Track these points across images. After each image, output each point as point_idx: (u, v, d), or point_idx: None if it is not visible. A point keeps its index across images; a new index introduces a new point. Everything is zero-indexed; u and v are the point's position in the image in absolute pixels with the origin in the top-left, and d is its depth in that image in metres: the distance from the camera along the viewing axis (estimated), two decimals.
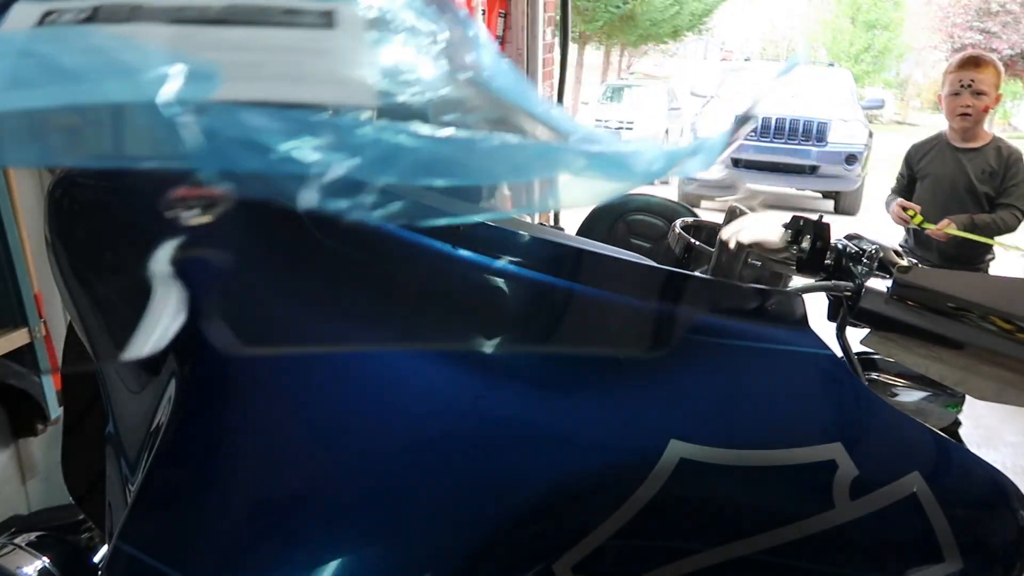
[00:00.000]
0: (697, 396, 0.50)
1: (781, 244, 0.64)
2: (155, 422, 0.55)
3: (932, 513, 0.50)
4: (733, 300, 0.54)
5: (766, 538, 0.48)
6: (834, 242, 0.64)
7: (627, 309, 0.53)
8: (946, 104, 2.65)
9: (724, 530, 0.48)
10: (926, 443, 0.53)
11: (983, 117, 2.60)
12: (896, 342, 0.58)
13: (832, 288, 0.62)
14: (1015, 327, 0.55)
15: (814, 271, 0.64)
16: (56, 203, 0.76)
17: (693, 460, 0.47)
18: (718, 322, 0.53)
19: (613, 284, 0.53)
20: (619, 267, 0.55)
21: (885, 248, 0.62)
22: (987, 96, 2.55)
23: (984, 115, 2.60)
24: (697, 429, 0.48)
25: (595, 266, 0.54)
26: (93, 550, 0.81)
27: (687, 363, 0.52)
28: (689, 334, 0.52)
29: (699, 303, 0.53)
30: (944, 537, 0.51)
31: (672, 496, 0.46)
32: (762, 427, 0.50)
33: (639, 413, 0.49)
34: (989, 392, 0.59)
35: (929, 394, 0.76)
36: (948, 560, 0.51)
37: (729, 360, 0.52)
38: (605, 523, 0.45)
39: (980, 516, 0.54)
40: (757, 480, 0.48)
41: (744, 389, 0.51)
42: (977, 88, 2.54)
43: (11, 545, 0.76)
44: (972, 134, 2.61)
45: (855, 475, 0.48)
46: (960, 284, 0.56)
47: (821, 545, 0.48)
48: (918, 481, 0.50)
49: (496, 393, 0.49)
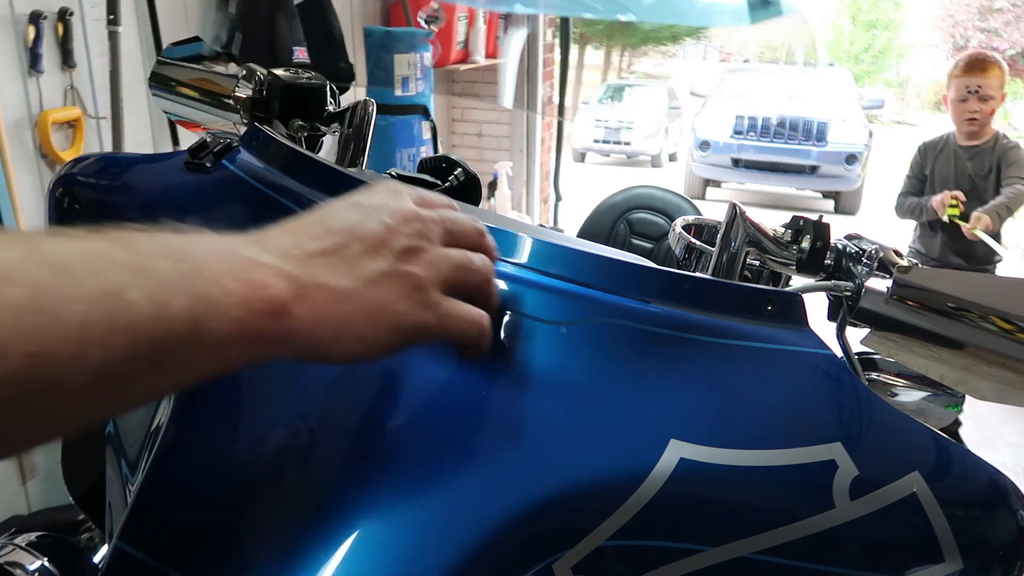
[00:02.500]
0: (697, 396, 0.50)
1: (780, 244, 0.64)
2: (155, 422, 0.55)
3: (932, 513, 0.50)
4: (733, 300, 0.54)
5: (766, 538, 0.48)
6: (834, 242, 0.64)
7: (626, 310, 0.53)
8: (952, 109, 2.66)
9: (724, 530, 0.48)
10: (926, 443, 0.53)
11: (990, 119, 2.61)
12: (896, 342, 0.58)
13: (832, 288, 0.62)
14: (1015, 327, 0.55)
15: (814, 271, 0.64)
16: (56, 202, 0.76)
17: (693, 460, 0.47)
18: (718, 322, 0.53)
19: (612, 286, 0.53)
20: (618, 269, 0.55)
21: (885, 248, 0.62)
22: (994, 100, 2.55)
23: (991, 117, 2.60)
24: (697, 429, 0.48)
25: (594, 267, 0.54)
26: (93, 550, 0.81)
27: (687, 363, 0.52)
28: (689, 334, 0.52)
29: (699, 303, 0.53)
30: (944, 537, 0.51)
31: (672, 496, 0.46)
32: (762, 427, 0.50)
33: (639, 413, 0.49)
34: (989, 392, 0.59)
35: (929, 394, 0.76)
36: (948, 560, 0.51)
37: (729, 360, 0.52)
38: (605, 523, 0.45)
39: (980, 516, 0.54)
40: (757, 480, 0.48)
41: (744, 389, 0.51)
42: (984, 93, 2.54)
43: (11, 545, 0.76)
44: (977, 134, 2.62)
45: (855, 475, 0.49)
46: (960, 284, 0.56)
47: (821, 545, 0.48)
48: (918, 481, 0.50)
49: (495, 393, 0.49)
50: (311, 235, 0.41)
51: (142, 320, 0.32)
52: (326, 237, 0.41)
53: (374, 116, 0.85)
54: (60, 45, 2.22)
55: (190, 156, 0.71)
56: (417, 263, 0.43)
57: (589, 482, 0.45)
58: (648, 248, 1.73)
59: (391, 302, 0.41)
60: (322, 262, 0.40)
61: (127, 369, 0.33)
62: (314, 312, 0.38)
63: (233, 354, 0.36)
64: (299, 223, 0.42)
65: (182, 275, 0.34)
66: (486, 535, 0.43)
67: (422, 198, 0.47)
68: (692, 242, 0.83)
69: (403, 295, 0.41)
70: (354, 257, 0.41)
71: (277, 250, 0.39)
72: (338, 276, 0.40)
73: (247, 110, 0.84)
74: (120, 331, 0.32)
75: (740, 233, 0.63)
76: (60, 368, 0.30)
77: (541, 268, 0.53)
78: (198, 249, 0.36)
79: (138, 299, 0.32)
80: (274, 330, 0.37)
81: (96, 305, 0.31)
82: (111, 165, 0.81)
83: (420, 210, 0.45)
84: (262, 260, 0.38)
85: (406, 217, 0.43)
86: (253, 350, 0.37)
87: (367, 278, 0.41)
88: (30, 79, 2.15)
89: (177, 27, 2.63)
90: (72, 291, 0.31)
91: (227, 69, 0.88)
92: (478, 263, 0.46)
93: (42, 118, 2.17)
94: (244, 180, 0.68)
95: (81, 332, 0.31)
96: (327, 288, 0.39)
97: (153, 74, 0.92)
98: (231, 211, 0.68)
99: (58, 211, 0.76)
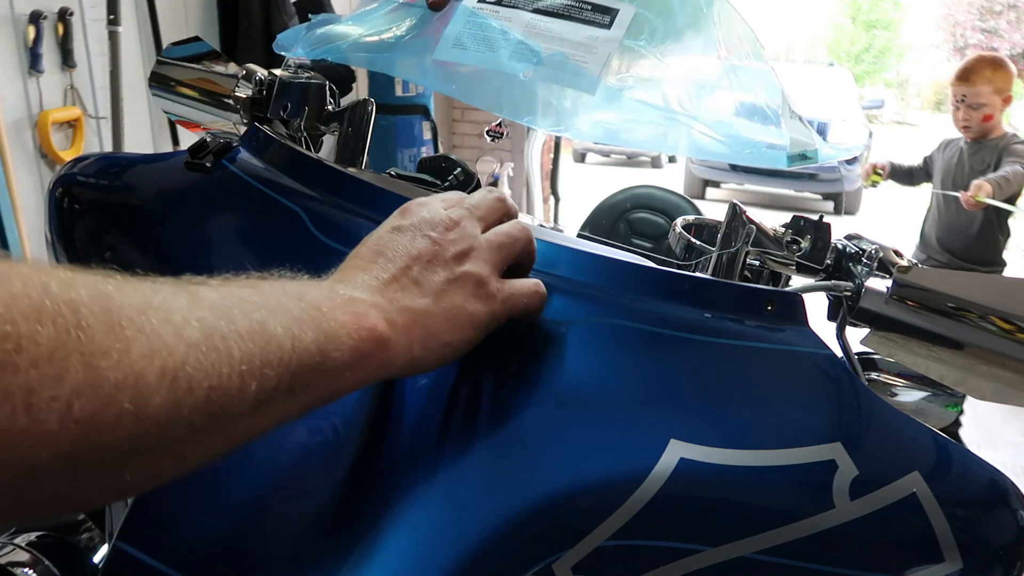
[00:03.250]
0: (697, 396, 0.50)
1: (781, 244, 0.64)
2: None
3: (932, 513, 0.50)
4: (733, 300, 0.54)
5: (766, 538, 0.48)
6: (834, 242, 0.64)
7: (626, 310, 0.53)
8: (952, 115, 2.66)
9: (724, 530, 0.48)
10: (926, 443, 0.53)
11: (988, 124, 2.59)
12: (896, 342, 0.58)
13: (832, 288, 0.62)
14: (1015, 327, 0.55)
15: (814, 271, 0.64)
16: (56, 202, 0.76)
17: (693, 460, 0.47)
18: (718, 322, 0.53)
19: (612, 286, 0.53)
20: (618, 268, 0.55)
21: (885, 248, 0.62)
22: (986, 106, 2.54)
23: (988, 122, 2.58)
24: (697, 429, 0.48)
25: (594, 267, 0.54)
26: (93, 550, 0.81)
27: (687, 363, 0.52)
28: (689, 334, 0.52)
29: (699, 303, 0.53)
30: (944, 537, 0.51)
31: (672, 496, 0.46)
32: (762, 427, 0.50)
33: (639, 413, 0.49)
34: (989, 392, 0.59)
35: (929, 394, 0.76)
36: (948, 560, 0.51)
37: (728, 360, 0.52)
38: (605, 523, 0.45)
39: (980, 516, 0.54)
40: (757, 480, 0.48)
41: (744, 389, 0.51)
42: (972, 102, 2.54)
43: (11, 545, 0.76)
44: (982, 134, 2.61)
45: (855, 475, 0.48)
46: (960, 284, 0.56)
47: (821, 545, 0.48)
48: (918, 481, 0.50)
49: (495, 393, 0.49)
50: (379, 267, 0.46)
51: (284, 353, 0.37)
52: (390, 265, 0.46)
53: (373, 116, 0.85)
54: (60, 45, 2.22)
55: (190, 156, 0.71)
56: (471, 262, 0.47)
57: (589, 482, 0.45)
58: (648, 248, 1.73)
59: (463, 304, 0.46)
60: (396, 288, 0.45)
61: (272, 397, 0.37)
62: (407, 335, 0.43)
63: (348, 379, 0.41)
64: (360, 260, 0.47)
65: (306, 312, 0.39)
66: (486, 535, 0.43)
67: (444, 199, 0.51)
68: (692, 242, 0.83)
69: (469, 294, 0.46)
70: (419, 276, 0.46)
71: (361, 285, 0.44)
72: (414, 297, 0.45)
73: (247, 110, 0.84)
74: (270, 363, 0.36)
75: (740, 233, 0.63)
76: (229, 399, 0.34)
77: (541, 268, 0.53)
78: (309, 290, 0.41)
79: (280, 335, 0.37)
80: (379, 355, 0.42)
81: (252, 342, 0.35)
82: (111, 165, 0.81)
83: (452, 213, 0.49)
84: (356, 296, 0.43)
85: (445, 226, 0.48)
86: (363, 374, 0.42)
87: (436, 291, 0.45)
88: (30, 79, 2.16)
89: (177, 27, 2.64)
90: (233, 329, 0.35)
91: (227, 69, 0.88)
92: (515, 232, 0.50)
93: (42, 118, 2.17)
94: (244, 180, 0.68)
95: (243, 366, 0.35)
96: (409, 309, 0.44)
97: (153, 74, 0.92)
98: (231, 211, 0.68)
99: (58, 211, 0.76)
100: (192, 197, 0.70)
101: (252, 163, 0.69)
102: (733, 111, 0.60)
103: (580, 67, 0.58)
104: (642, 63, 0.62)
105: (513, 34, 0.60)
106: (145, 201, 0.74)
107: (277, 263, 0.44)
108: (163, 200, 0.73)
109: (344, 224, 0.59)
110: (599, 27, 0.59)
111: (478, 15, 0.62)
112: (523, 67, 0.59)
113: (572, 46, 0.59)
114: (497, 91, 0.63)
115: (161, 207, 0.72)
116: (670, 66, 0.63)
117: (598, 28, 0.59)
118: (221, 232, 0.66)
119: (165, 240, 0.67)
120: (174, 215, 0.70)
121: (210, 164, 0.70)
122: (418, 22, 0.67)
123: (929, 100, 21.05)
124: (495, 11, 0.62)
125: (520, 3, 0.61)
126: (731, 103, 0.61)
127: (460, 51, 0.61)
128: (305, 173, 0.64)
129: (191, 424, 0.33)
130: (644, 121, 0.60)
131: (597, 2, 0.60)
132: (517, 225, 0.51)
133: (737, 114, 0.60)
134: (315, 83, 0.88)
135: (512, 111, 0.66)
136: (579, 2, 0.60)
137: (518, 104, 0.64)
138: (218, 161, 0.71)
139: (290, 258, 0.46)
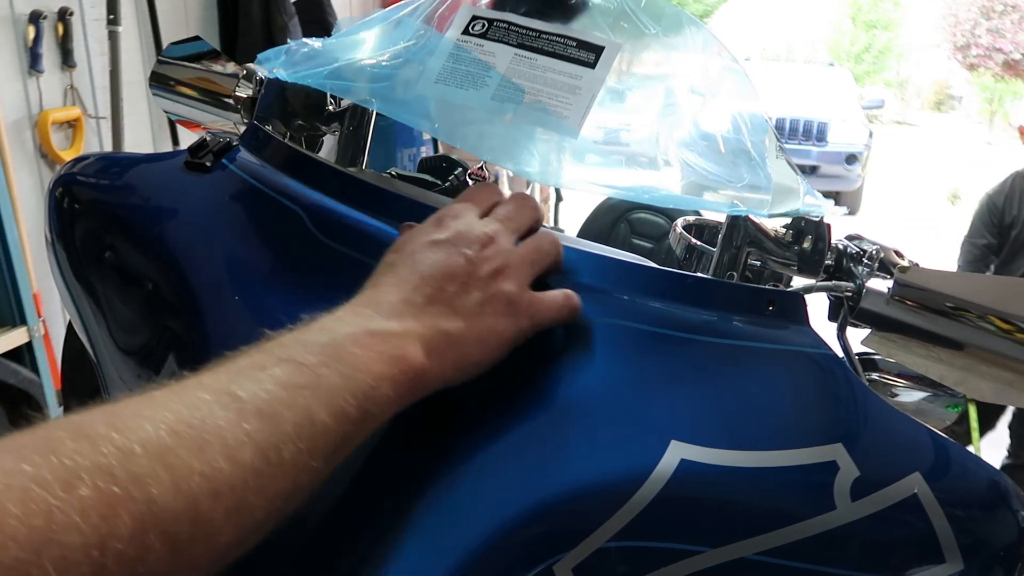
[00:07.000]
0: (698, 397, 0.50)
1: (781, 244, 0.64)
2: None
3: (933, 514, 0.50)
4: (734, 300, 0.54)
5: (767, 539, 0.47)
6: (834, 242, 0.64)
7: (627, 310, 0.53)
8: None
9: (725, 531, 0.48)
10: (926, 443, 0.53)
11: None
12: (896, 342, 0.58)
13: (833, 288, 0.62)
14: (1015, 327, 0.55)
15: (814, 271, 0.64)
16: (56, 202, 0.76)
17: (694, 461, 0.47)
18: (719, 322, 0.53)
19: (613, 286, 0.53)
20: (619, 268, 0.55)
21: (886, 248, 0.62)
22: None
23: None
24: (698, 430, 0.48)
25: (595, 267, 0.54)
26: None
27: (688, 363, 0.52)
28: (690, 334, 0.52)
29: (700, 303, 0.53)
30: (945, 538, 0.51)
31: (673, 497, 0.46)
32: (763, 428, 0.49)
33: (639, 414, 0.49)
34: (989, 392, 0.59)
35: (929, 394, 0.76)
36: (949, 561, 0.51)
37: (729, 360, 0.52)
38: (606, 524, 0.45)
39: (981, 517, 0.54)
40: (758, 481, 0.48)
41: (744, 389, 0.51)
42: None
43: None
44: None
45: (856, 476, 0.48)
46: (960, 284, 0.56)
47: (822, 546, 0.48)
48: (919, 482, 0.50)
49: (496, 394, 0.49)
50: (412, 287, 0.46)
51: (330, 434, 0.39)
52: (426, 285, 0.46)
53: (374, 116, 0.85)
54: (60, 45, 2.22)
55: (190, 156, 0.71)
56: (504, 280, 0.47)
57: (590, 483, 0.45)
58: (648, 248, 1.73)
59: (493, 325, 0.46)
60: (432, 311, 0.45)
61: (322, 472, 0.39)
62: (441, 359, 0.44)
63: (388, 416, 0.43)
64: (395, 277, 0.47)
65: (345, 378, 0.40)
66: (487, 536, 0.43)
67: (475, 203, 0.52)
68: (693, 242, 0.83)
69: (500, 314, 0.47)
70: (454, 296, 0.46)
71: (395, 313, 0.44)
72: (449, 319, 0.45)
73: (247, 110, 0.83)
74: (318, 453, 0.38)
75: (741, 233, 0.63)
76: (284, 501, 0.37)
77: None
78: (342, 341, 0.41)
79: (326, 419, 0.38)
80: (416, 384, 0.43)
81: (300, 439, 0.37)
82: (111, 165, 0.81)
83: (487, 228, 0.49)
84: (392, 330, 0.43)
85: (481, 243, 0.48)
86: (402, 404, 0.43)
87: (470, 313, 0.46)
88: (30, 79, 2.16)
89: (177, 27, 2.64)
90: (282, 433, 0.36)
91: (227, 69, 0.88)
92: (546, 247, 0.51)
93: (42, 118, 2.17)
94: (244, 180, 0.68)
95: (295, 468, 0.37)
96: (445, 333, 0.45)
97: (153, 74, 0.92)
98: (231, 211, 0.68)
99: (58, 211, 0.76)
100: (192, 197, 0.70)
101: (252, 163, 0.69)
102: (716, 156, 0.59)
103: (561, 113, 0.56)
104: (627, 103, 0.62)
105: (495, 72, 0.58)
106: (145, 201, 0.74)
107: (277, 263, 0.43)
108: (163, 200, 0.72)
109: (344, 224, 0.59)
110: (584, 65, 0.58)
111: (462, 49, 0.60)
112: (505, 107, 0.57)
113: (556, 86, 0.57)
114: (479, 133, 0.61)
115: (161, 207, 0.72)
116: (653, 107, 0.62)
117: (582, 67, 0.58)
118: (221, 232, 0.66)
119: (165, 240, 0.66)
120: (174, 215, 0.70)
121: (210, 164, 0.70)
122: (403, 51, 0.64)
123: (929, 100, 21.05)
124: (479, 45, 0.60)
125: (505, 38, 0.60)
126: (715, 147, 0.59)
127: (442, 87, 0.59)
128: (305, 173, 0.64)
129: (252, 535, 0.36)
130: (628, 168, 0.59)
131: (583, 39, 0.59)
132: (549, 238, 0.51)
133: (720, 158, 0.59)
134: None
135: (494, 155, 0.65)
136: (564, 38, 0.59)
137: (499, 148, 0.61)
138: (218, 161, 0.70)
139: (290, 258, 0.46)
